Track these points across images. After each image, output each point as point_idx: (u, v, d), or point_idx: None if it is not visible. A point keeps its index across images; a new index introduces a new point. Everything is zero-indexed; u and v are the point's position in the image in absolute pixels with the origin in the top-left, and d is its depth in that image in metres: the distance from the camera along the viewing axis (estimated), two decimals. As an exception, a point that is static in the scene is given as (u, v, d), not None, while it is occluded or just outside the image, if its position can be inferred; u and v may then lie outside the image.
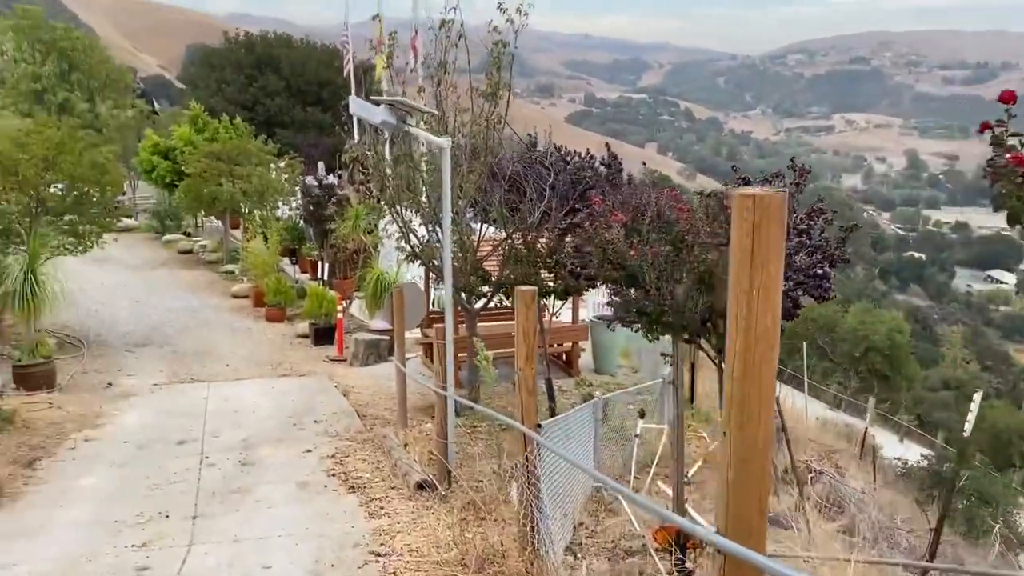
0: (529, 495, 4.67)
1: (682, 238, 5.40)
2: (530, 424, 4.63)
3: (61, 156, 13.57)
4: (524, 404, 4.64)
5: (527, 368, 4.60)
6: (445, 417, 7.37)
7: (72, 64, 33.70)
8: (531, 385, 4.62)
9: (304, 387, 12.27)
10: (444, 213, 7.07)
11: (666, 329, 5.71)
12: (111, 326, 16.54)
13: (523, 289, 4.62)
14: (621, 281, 5.72)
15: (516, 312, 4.63)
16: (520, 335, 4.62)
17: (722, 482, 2.27)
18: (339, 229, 16.33)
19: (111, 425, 10.39)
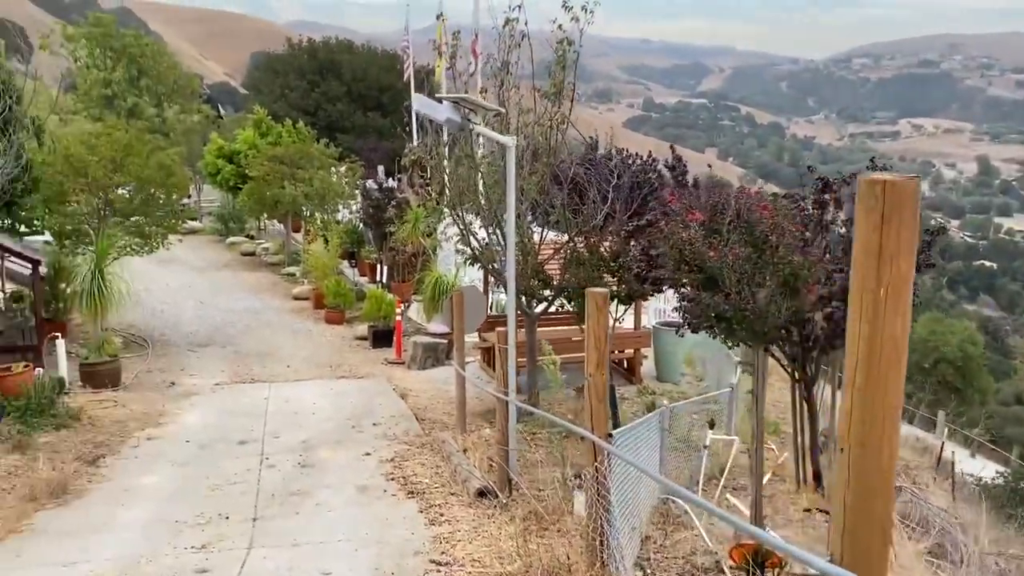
0: (599, 507, 4.44)
1: (765, 239, 5.10)
2: (601, 433, 4.41)
3: (129, 158, 13.82)
4: (594, 412, 4.42)
5: (598, 374, 4.38)
6: (506, 423, 7.18)
7: (141, 70, 34.57)
8: (602, 392, 4.39)
9: (363, 389, 12.22)
10: (508, 214, 6.89)
11: (746, 335, 5.41)
12: (175, 326, 16.78)
13: (595, 291, 4.40)
14: (699, 284, 5.44)
15: (587, 315, 4.41)
16: (591, 340, 4.40)
17: (838, 505, 2.02)
18: (398, 232, 16.30)
19: (174, 424, 10.46)
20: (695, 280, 5.45)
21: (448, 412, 11.15)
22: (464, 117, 6.78)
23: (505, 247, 9.91)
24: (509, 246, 7.01)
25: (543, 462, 8.77)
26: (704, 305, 5.34)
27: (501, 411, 7.18)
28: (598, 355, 4.35)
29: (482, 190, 10.06)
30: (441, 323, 14.86)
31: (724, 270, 5.13)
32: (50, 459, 8.55)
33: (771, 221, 5.18)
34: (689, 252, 5.33)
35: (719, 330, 5.53)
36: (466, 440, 9.34)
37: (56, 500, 7.46)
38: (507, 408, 7.12)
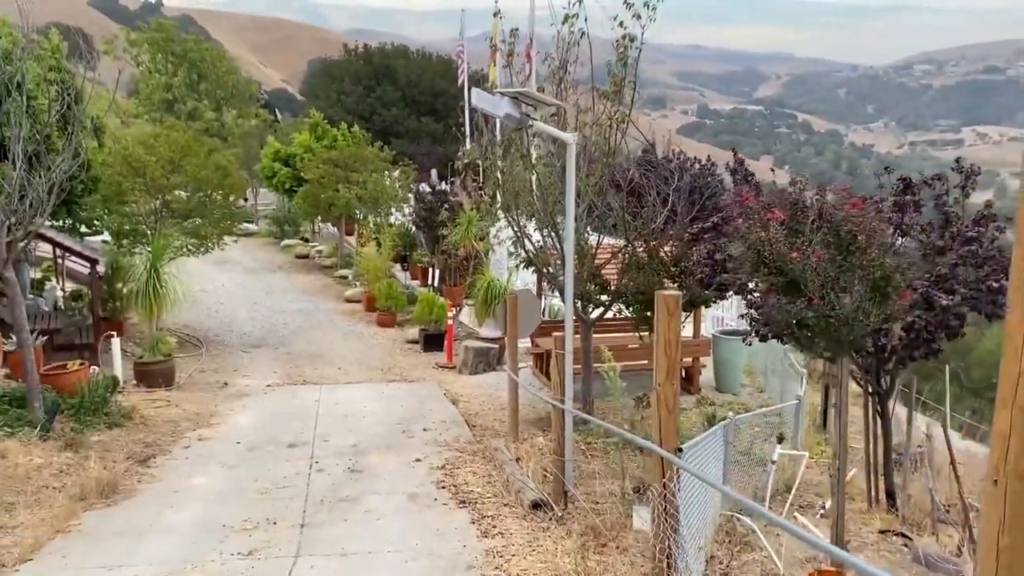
0: (666, 527, 4.12)
1: (852, 239, 4.71)
2: (670, 447, 4.09)
3: (186, 158, 13.89)
4: (663, 424, 4.10)
5: (667, 384, 4.06)
6: (562, 432, 6.88)
7: (201, 75, 35.17)
8: (672, 403, 4.07)
9: (413, 393, 12.03)
10: (567, 214, 6.60)
11: (829, 345, 5.01)
12: (229, 326, 16.86)
13: (667, 294, 4.08)
14: (778, 288, 5.07)
15: (657, 320, 4.10)
16: (661, 346, 4.08)
17: (989, 546, 1.68)
18: (451, 235, 16.12)
19: (225, 425, 10.39)
20: (775, 284, 5.06)
21: (500, 419, 10.89)
22: (523, 113, 6.53)
23: (562, 250, 9.63)
24: (568, 248, 6.72)
25: (599, 474, 8.44)
26: (784, 311, 4.96)
27: (557, 419, 6.88)
28: (668, 363, 4.04)
29: (537, 191, 9.79)
30: (493, 327, 14.62)
31: (807, 273, 4.75)
32: (101, 458, 8.50)
33: (860, 220, 4.79)
34: (769, 253, 4.96)
35: (800, 339, 5.14)
36: (519, 448, 9.06)
37: (105, 500, 7.38)
38: (563, 416, 6.82)
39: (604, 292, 9.30)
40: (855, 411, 13.70)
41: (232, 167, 14.39)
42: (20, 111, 9.34)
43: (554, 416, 6.91)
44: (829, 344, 5.00)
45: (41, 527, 6.51)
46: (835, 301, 4.66)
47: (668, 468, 4.09)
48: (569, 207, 6.56)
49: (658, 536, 4.16)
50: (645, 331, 9.38)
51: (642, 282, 8.75)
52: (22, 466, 7.90)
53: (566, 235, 6.67)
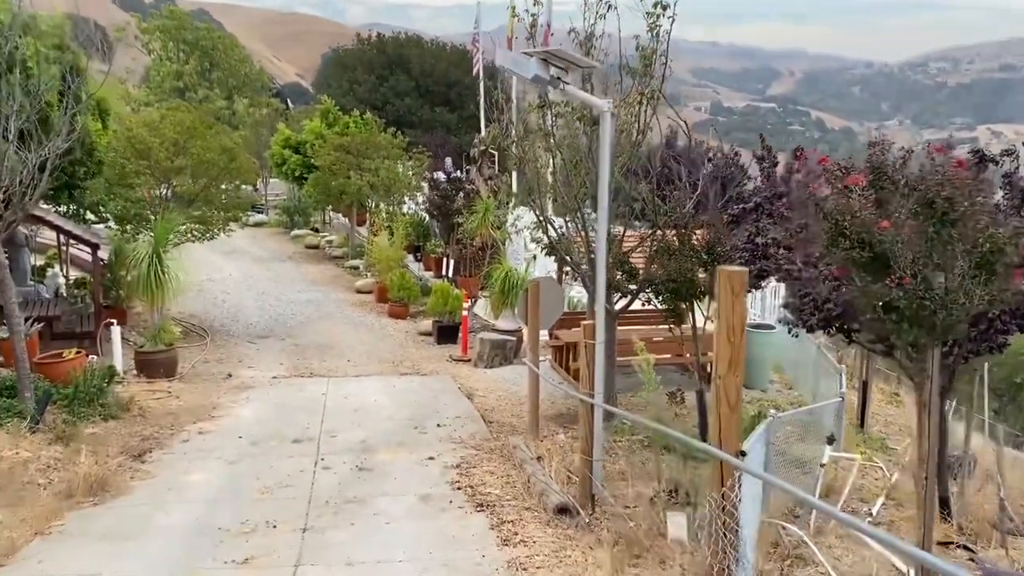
0: (725, 542, 3.51)
1: (950, 207, 4.04)
2: (731, 449, 3.47)
3: (191, 140, 13.33)
4: (723, 423, 3.48)
5: (730, 376, 3.45)
6: (591, 430, 6.27)
7: (213, 63, 34.71)
8: (734, 398, 3.46)
9: (426, 387, 11.44)
10: (600, 189, 5.97)
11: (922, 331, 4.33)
12: (235, 316, 16.32)
13: (731, 270, 3.46)
14: (860, 265, 4.41)
15: (720, 302, 3.48)
16: (723, 332, 3.47)
17: None
18: (467, 223, 15.51)
19: (227, 418, 9.83)
20: (857, 260, 4.38)
21: (518, 415, 10.30)
22: (553, 76, 5.91)
23: (586, 236, 9.01)
24: (601, 228, 6.09)
25: (626, 474, 7.84)
26: (869, 293, 4.29)
27: (585, 416, 6.27)
28: (732, 351, 3.42)
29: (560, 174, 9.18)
30: (510, 319, 14.01)
31: (897, 246, 4.08)
32: (94, 452, 7.95)
33: (961, 183, 4.09)
34: (851, 224, 4.29)
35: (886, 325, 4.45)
36: (539, 446, 8.46)
37: (94, 498, 6.82)
38: (592, 413, 6.21)
39: (632, 280, 8.66)
40: (889, 410, 13.05)
41: (239, 150, 13.82)
42: (14, 86, 8.81)
43: (582, 412, 6.30)
44: (921, 330, 4.34)
45: (20, 528, 5.96)
46: (930, 279, 4.01)
47: (728, 474, 3.48)
48: (603, 182, 5.93)
49: (716, 554, 3.54)
50: (675, 322, 8.74)
51: (673, 269, 8.11)
52: (7, 460, 7.36)
53: (599, 214, 6.05)
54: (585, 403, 6.24)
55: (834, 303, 5.78)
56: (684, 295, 8.30)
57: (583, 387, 6.25)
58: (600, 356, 6.12)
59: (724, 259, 8.21)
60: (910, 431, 11.35)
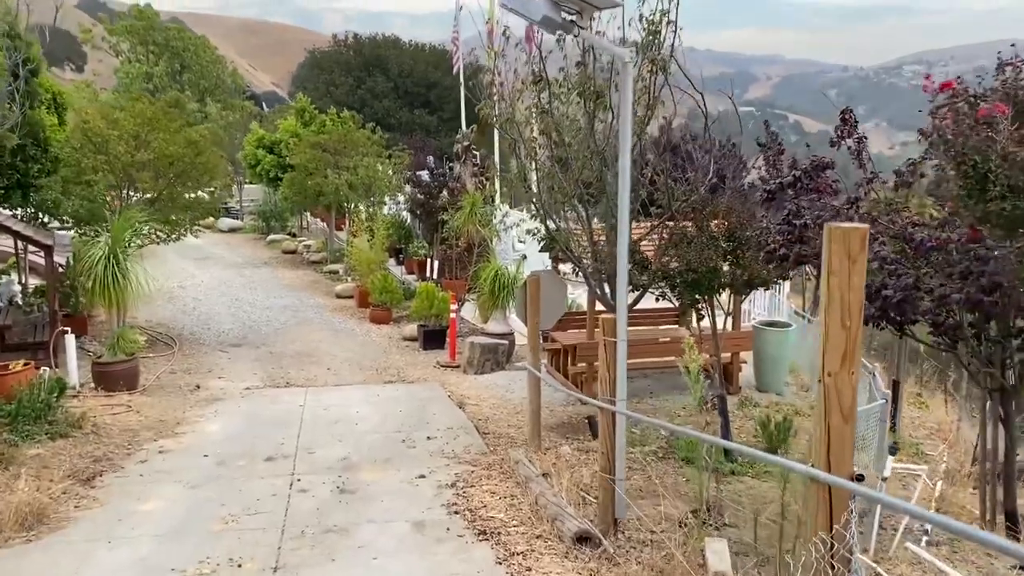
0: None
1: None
2: (844, 471, 2.55)
3: (153, 132, 12.29)
4: (833, 438, 2.56)
5: (844, 374, 2.53)
6: (613, 442, 5.32)
7: (184, 64, 33.56)
8: (848, 405, 2.54)
9: (413, 396, 10.47)
10: (622, 156, 5.03)
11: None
12: (207, 324, 15.25)
13: (847, 227, 2.54)
14: (1013, 221, 3.48)
15: (830, 272, 2.55)
16: (834, 314, 2.54)
17: None
18: (452, 221, 14.54)
19: (192, 434, 8.82)
20: (1009, 215, 3.45)
21: (515, 424, 9.36)
22: (566, 20, 5.00)
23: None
24: (622, 206, 5.16)
25: (644, 491, 6.91)
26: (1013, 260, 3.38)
27: (606, 426, 5.33)
28: (847, 341, 2.49)
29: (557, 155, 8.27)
30: (501, 322, 13.07)
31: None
32: (35, 477, 6.94)
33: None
34: (997, 166, 3.37)
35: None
36: (542, 460, 7.52)
37: (26, 533, 5.80)
38: (614, 422, 5.27)
39: (643, 272, 7.74)
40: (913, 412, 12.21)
41: (206, 143, 12.77)
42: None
43: (602, 422, 5.36)
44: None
45: (-72, 575, 4.94)
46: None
47: (842, 505, 2.55)
48: (624, 148, 4.99)
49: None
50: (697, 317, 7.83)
51: (693, 259, 7.20)
52: (-72, 489, 6.32)
53: (620, 191, 5.11)
54: (606, 411, 5.31)
55: (893, 289, 4.90)
56: (704, 288, 7.39)
57: (603, 391, 5.31)
58: (623, 355, 5.19)
59: (750, 245, 7.33)
60: (942, 435, 10.53)
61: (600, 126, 7.95)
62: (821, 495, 2.61)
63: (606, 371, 5.24)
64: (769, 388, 10.92)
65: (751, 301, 14.68)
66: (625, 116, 5.05)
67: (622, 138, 4.96)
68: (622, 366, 5.20)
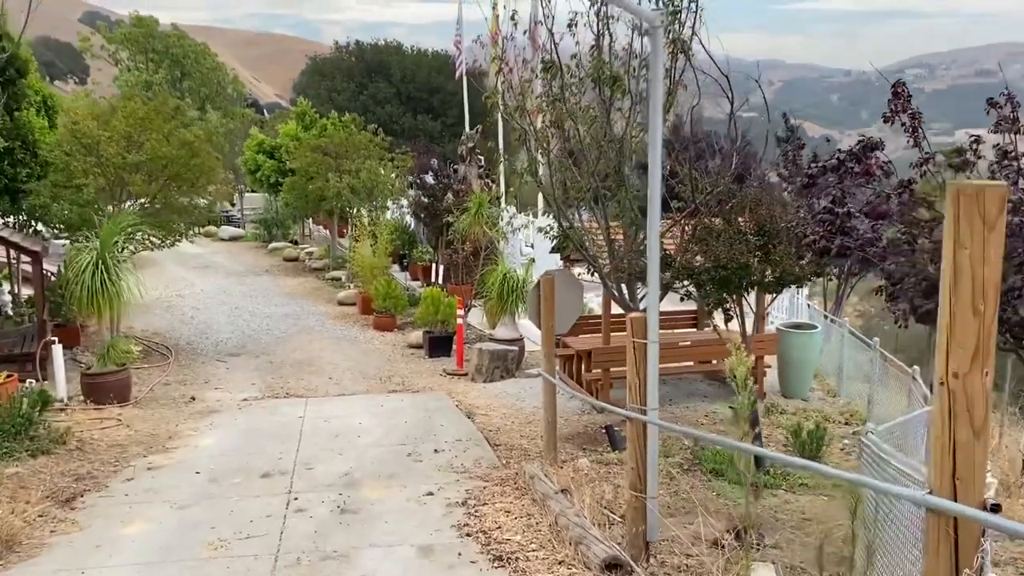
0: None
1: None
2: (975, 498, 2.00)
3: (145, 133, 11.78)
4: (961, 457, 2.01)
5: (975, 375, 1.98)
6: (643, 456, 4.76)
7: (184, 72, 33.14)
8: (980, 416, 1.99)
9: (419, 406, 9.91)
10: (652, 132, 4.46)
11: None
12: (205, 333, 14.71)
13: (979, 185, 1.98)
14: None
15: (963, 243, 1.98)
16: (966, 300, 1.98)
17: None
18: (457, 223, 13.99)
19: (185, 449, 8.27)
20: None
21: (528, 435, 8.79)
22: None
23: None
24: (654, 191, 4.59)
25: (672, 508, 6.34)
26: None
27: (636, 438, 4.76)
28: (981, 332, 1.94)
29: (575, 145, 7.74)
30: (510, 327, 12.51)
31: None
32: (10, 499, 6.40)
33: None
34: None
35: None
36: (559, 474, 6.95)
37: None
38: (644, 434, 4.71)
39: (666, 268, 7.17)
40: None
41: (201, 145, 12.23)
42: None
43: (631, 434, 4.79)
44: None
45: None
46: None
47: (972, 543, 1.99)
48: (655, 126, 4.43)
49: None
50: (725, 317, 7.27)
51: (722, 254, 6.64)
52: None
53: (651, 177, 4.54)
54: (635, 422, 4.74)
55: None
56: (734, 286, 6.83)
57: (631, 400, 4.75)
58: (654, 359, 4.63)
59: (782, 239, 6.77)
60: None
61: (616, 115, 7.42)
62: (942, 529, 2.05)
63: (635, 376, 4.67)
64: (794, 394, 10.34)
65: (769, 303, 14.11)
66: (656, 90, 4.49)
67: (652, 114, 4.41)
68: (653, 371, 4.64)
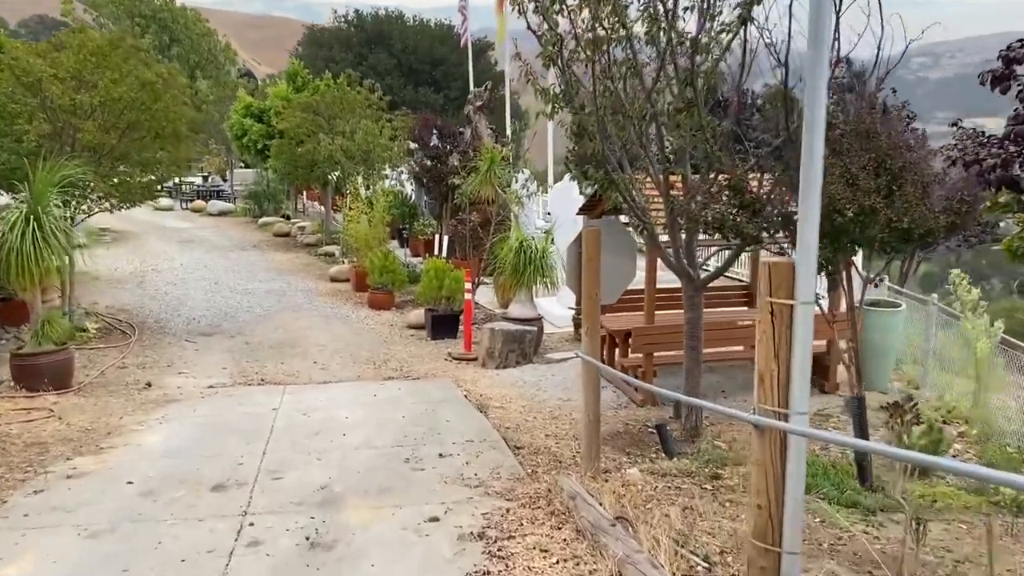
0: None
1: None
2: None
3: (99, 71, 9.95)
4: None
5: None
6: (778, 486, 2.97)
7: (173, 38, 31.24)
8: None
9: (420, 396, 8.13)
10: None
11: None
12: (177, 310, 12.93)
13: None
14: None
15: None
16: None
17: None
18: (465, 185, 12.13)
19: (123, 448, 6.51)
20: None
21: (554, 434, 7.04)
22: None
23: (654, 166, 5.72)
24: (818, 78, 2.78)
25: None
26: None
27: (770, 456, 2.96)
28: None
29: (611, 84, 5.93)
30: (526, 305, 10.73)
31: None
32: None
33: None
34: None
35: None
36: (601, 489, 5.18)
37: None
38: (782, 449, 2.91)
39: (754, 216, 5.33)
40: None
41: (166, 88, 10.37)
42: None
43: (762, 448, 2.99)
44: None
45: None
46: None
47: None
48: None
49: None
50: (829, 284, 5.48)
51: (838, 193, 4.80)
52: None
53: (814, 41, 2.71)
54: (767, 432, 2.94)
55: None
56: (847, 240, 5.00)
57: (762, 397, 2.95)
58: (806, 329, 2.84)
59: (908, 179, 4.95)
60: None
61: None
62: None
63: (772, 360, 2.88)
64: (873, 385, 8.52)
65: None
66: None
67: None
68: (804, 350, 2.84)
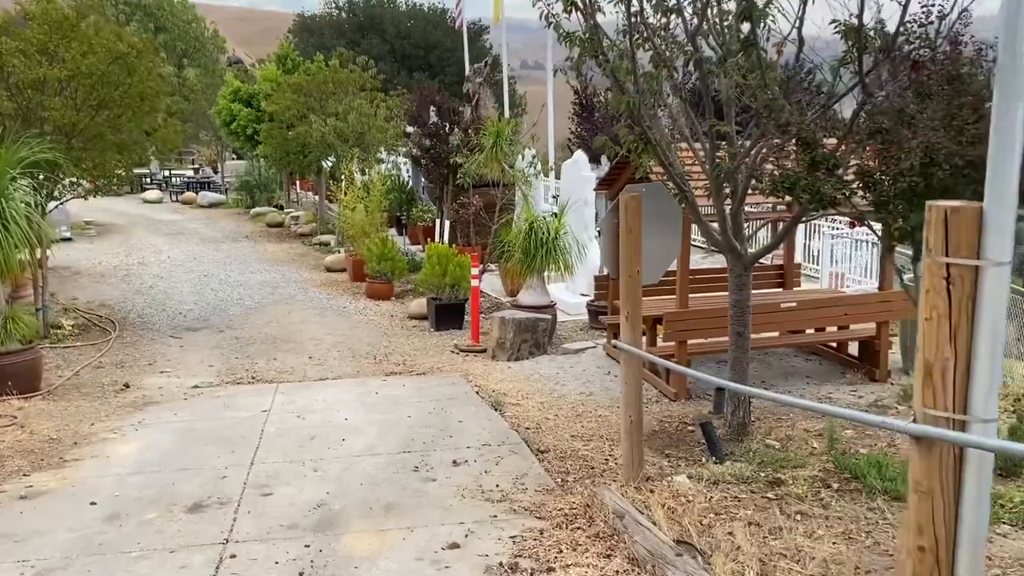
0: None
1: None
2: None
3: (65, 42, 9.06)
4: None
5: None
6: (950, 517, 2.12)
7: (158, 25, 30.30)
8: None
9: (427, 394, 7.28)
10: None
11: None
12: (163, 304, 12.08)
13: None
14: None
15: None
16: None
17: None
18: (468, 164, 11.25)
19: (91, 461, 5.67)
20: None
21: (580, 434, 6.21)
22: None
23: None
24: None
25: (865, 569, 3.72)
26: None
27: (944, 475, 2.12)
28: None
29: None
30: (538, 291, 9.88)
31: None
32: None
33: None
34: None
35: None
36: (648, 499, 4.35)
37: None
38: (959, 465, 2.07)
39: (830, 174, 4.47)
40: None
41: (140, 61, 9.48)
42: None
43: (923, 469, 2.15)
44: None
45: None
46: None
47: None
48: None
49: None
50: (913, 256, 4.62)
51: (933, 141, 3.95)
52: None
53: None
54: (935, 443, 2.10)
55: None
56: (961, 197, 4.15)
57: (926, 398, 2.12)
58: (999, 304, 2.01)
59: None
60: None
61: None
62: None
63: (948, 345, 2.04)
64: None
65: (847, 257, 11.50)
66: None
67: None
68: (995, 332, 2.01)
